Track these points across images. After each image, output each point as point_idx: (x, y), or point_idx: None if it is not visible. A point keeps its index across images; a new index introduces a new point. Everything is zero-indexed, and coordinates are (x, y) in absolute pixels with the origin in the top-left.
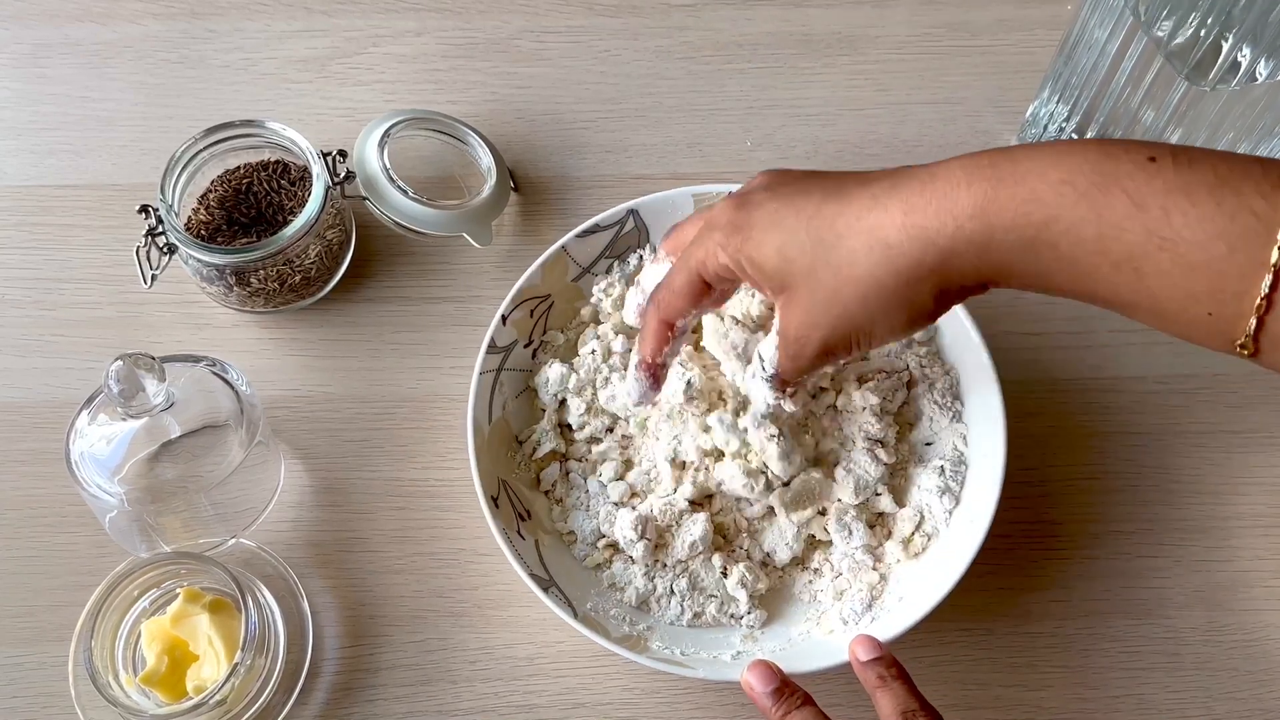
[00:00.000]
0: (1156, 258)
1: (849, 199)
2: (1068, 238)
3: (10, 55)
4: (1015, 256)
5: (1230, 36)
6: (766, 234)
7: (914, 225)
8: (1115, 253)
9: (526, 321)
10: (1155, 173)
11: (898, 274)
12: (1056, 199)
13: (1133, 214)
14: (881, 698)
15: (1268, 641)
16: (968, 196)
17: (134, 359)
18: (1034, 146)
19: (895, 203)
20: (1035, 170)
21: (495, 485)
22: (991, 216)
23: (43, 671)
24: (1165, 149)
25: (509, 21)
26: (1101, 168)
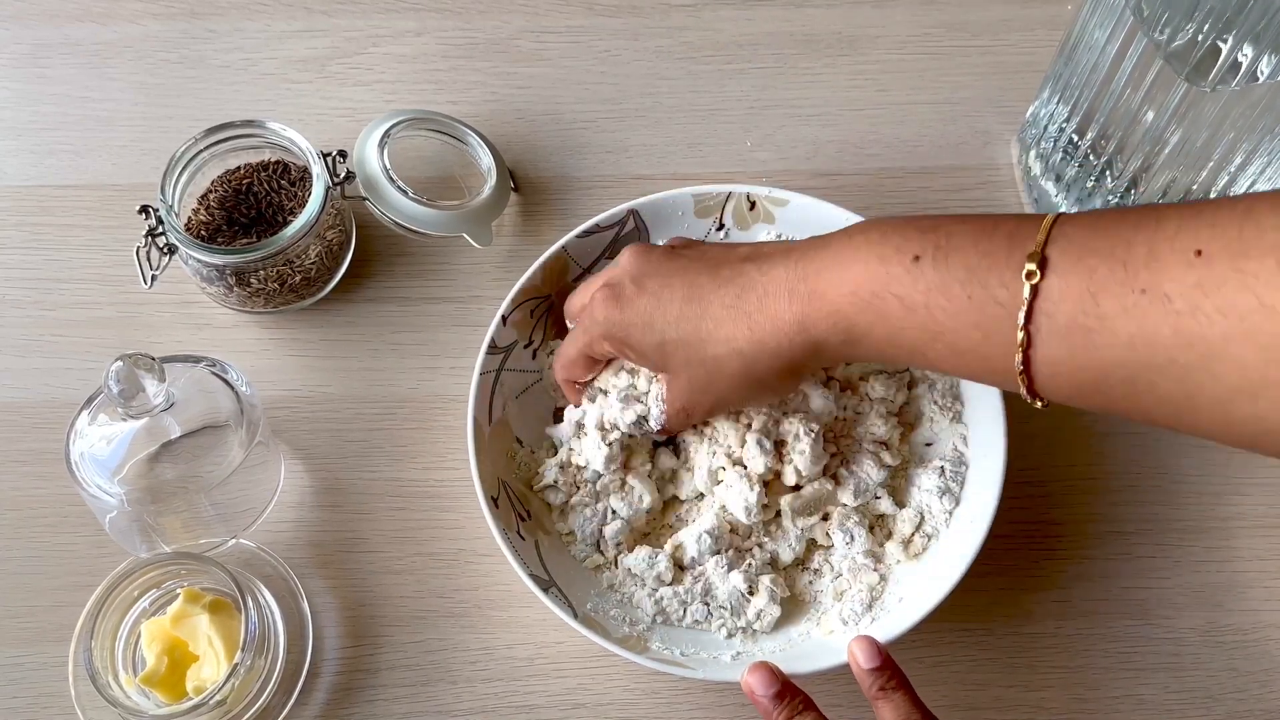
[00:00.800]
0: (934, 347)
1: (705, 302)
2: (868, 338)
3: (10, 55)
4: (838, 350)
5: (1230, 37)
6: (642, 333)
7: (757, 340)
8: (904, 345)
9: (527, 322)
10: (919, 274)
11: (755, 373)
12: (850, 309)
13: (906, 315)
14: (883, 708)
15: (1268, 642)
16: (790, 315)
17: (134, 359)
18: (837, 245)
19: (740, 318)
20: (833, 284)
21: (495, 485)
22: (810, 330)
23: (43, 671)
24: (930, 242)
25: (509, 21)
26: (876, 275)
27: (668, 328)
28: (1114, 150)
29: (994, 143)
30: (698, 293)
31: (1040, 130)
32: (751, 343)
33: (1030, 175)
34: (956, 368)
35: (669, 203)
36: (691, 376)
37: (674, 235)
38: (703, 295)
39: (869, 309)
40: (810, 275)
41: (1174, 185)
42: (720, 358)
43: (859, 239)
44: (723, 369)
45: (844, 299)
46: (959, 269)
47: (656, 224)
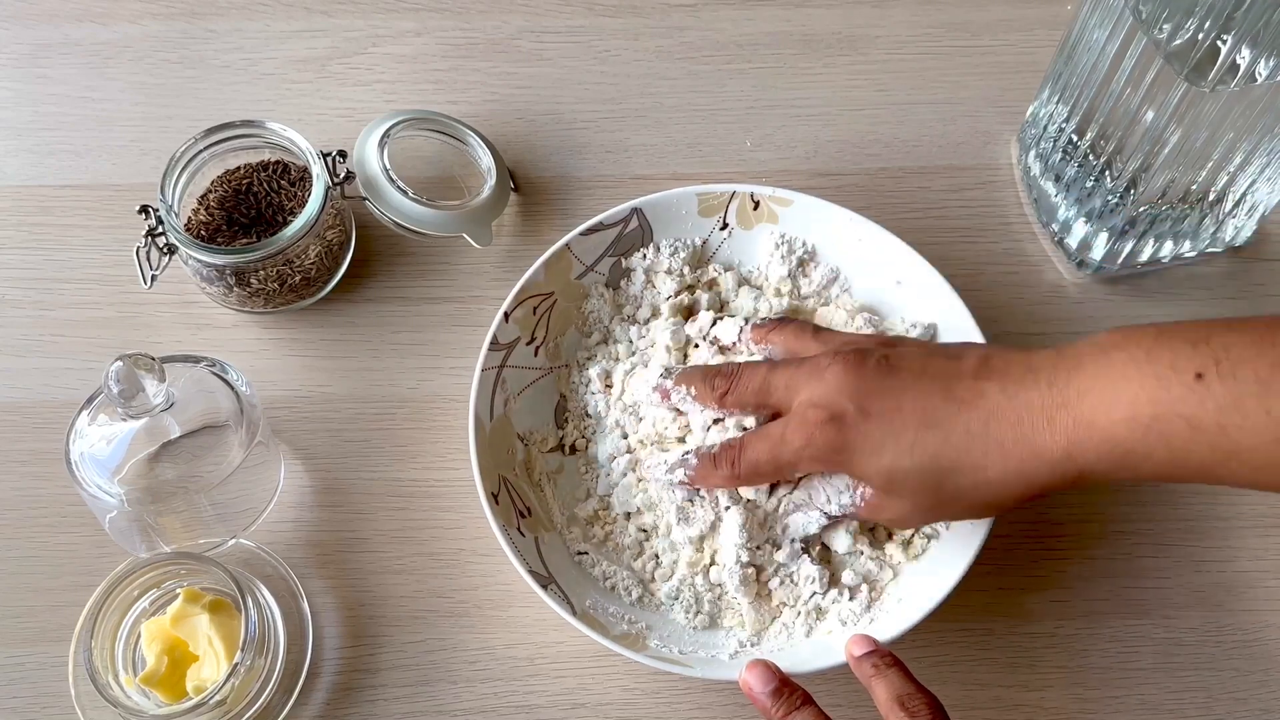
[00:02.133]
0: (1227, 465)
1: (946, 429)
2: (1147, 462)
3: (10, 55)
4: (1106, 476)
5: (1229, 38)
6: (872, 459)
7: (1013, 471)
8: (1190, 465)
9: (529, 319)
10: (1205, 394)
11: (999, 501)
12: (1127, 434)
13: (1195, 435)
14: (877, 685)
15: (1268, 641)
16: (1054, 446)
17: (134, 359)
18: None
19: (992, 447)
20: (1102, 409)
21: (496, 482)
22: (1078, 459)
23: (43, 671)
24: (1209, 357)
25: (509, 21)
26: (1156, 397)
27: (901, 455)
28: (1113, 150)
29: (994, 143)
30: (933, 416)
31: (1040, 130)
32: (1005, 474)
33: (1030, 175)
34: (1253, 482)
35: (673, 201)
36: (920, 503)
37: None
38: (940, 419)
39: (1150, 434)
40: (1072, 400)
41: (1173, 185)
42: (963, 488)
43: (1119, 356)
44: (962, 497)
45: (1118, 425)
46: (1250, 383)
47: (660, 222)
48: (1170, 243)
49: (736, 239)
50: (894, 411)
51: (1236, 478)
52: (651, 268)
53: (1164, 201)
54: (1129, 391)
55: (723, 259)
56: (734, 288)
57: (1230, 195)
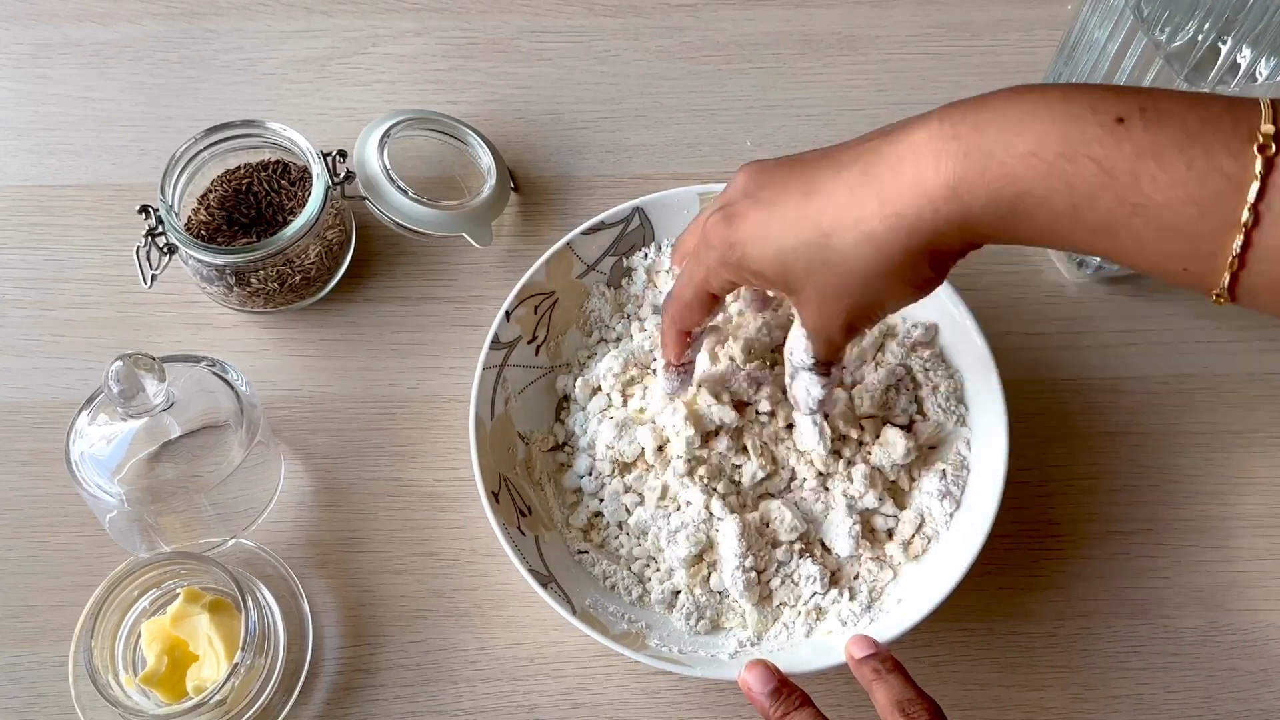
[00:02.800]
0: (1130, 222)
1: (826, 193)
2: (1042, 209)
3: (10, 55)
4: (994, 227)
5: (1229, 38)
6: (759, 247)
7: (892, 215)
8: (1089, 220)
9: (530, 318)
10: (1124, 136)
11: (890, 259)
12: (1026, 172)
13: (1104, 182)
14: (877, 690)
15: (1268, 641)
16: (937, 178)
17: (134, 359)
18: (998, 102)
19: (870, 193)
20: (1001, 141)
21: (496, 481)
22: (965, 196)
23: (43, 671)
24: (1133, 104)
25: (509, 21)
26: (1068, 133)
27: (785, 233)
28: None
29: None
30: (816, 185)
31: None
32: (885, 219)
33: None
34: (1145, 252)
35: (674, 200)
36: (819, 286)
37: (676, 232)
38: (822, 186)
39: (1052, 174)
40: (965, 133)
41: None
42: (847, 251)
43: (1031, 95)
44: (852, 264)
45: (1017, 160)
46: (1176, 133)
47: (662, 222)
48: None
49: None
50: (780, 194)
51: (1135, 241)
52: (653, 267)
53: None
54: (1036, 127)
55: None
56: None
57: None
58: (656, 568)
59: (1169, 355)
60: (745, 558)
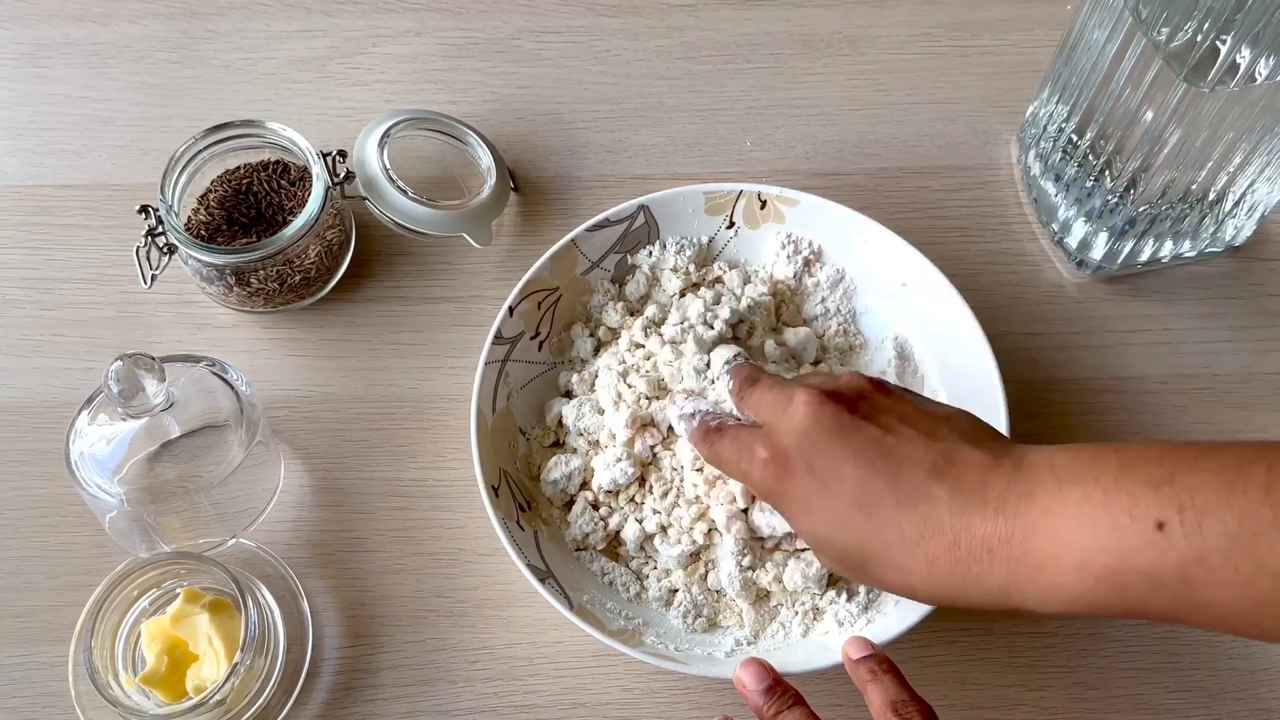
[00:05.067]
0: (1191, 617)
1: (880, 521)
2: (1099, 609)
3: (10, 55)
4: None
5: (1229, 38)
6: (797, 514)
7: (937, 585)
8: (1149, 614)
9: (534, 314)
10: (1167, 547)
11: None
12: (1075, 584)
13: (1152, 592)
14: (871, 691)
15: None
16: (991, 580)
17: (134, 359)
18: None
19: (919, 558)
20: (1049, 553)
21: (496, 475)
22: (1014, 597)
23: (43, 671)
24: (1169, 502)
25: (509, 21)
26: (1110, 547)
27: (829, 525)
28: (1113, 150)
29: (993, 143)
30: (872, 501)
31: (1039, 130)
32: (930, 585)
33: (1029, 175)
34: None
35: (679, 199)
36: (840, 567)
37: (680, 234)
38: (877, 508)
39: (1101, 584)
40: (1017, 536)
41: (1173, 185)
42: (883, 578)
43: (1075, 493)
44: (882, 584)
45: (1066, 573)
46: (1217, 537)
47: (667, 220)
48: (1170, 242)
49: (743, 238)
50: (835, 478)
51: (1202, 625)
52: (657, 265)
53: (1164, 201)
54: (1080, 538)
55: (728, 258)
56: (739, 286)
57: (1230, 195)
58: (654, 565)
59: (1169, 355)
60: (743, 557)
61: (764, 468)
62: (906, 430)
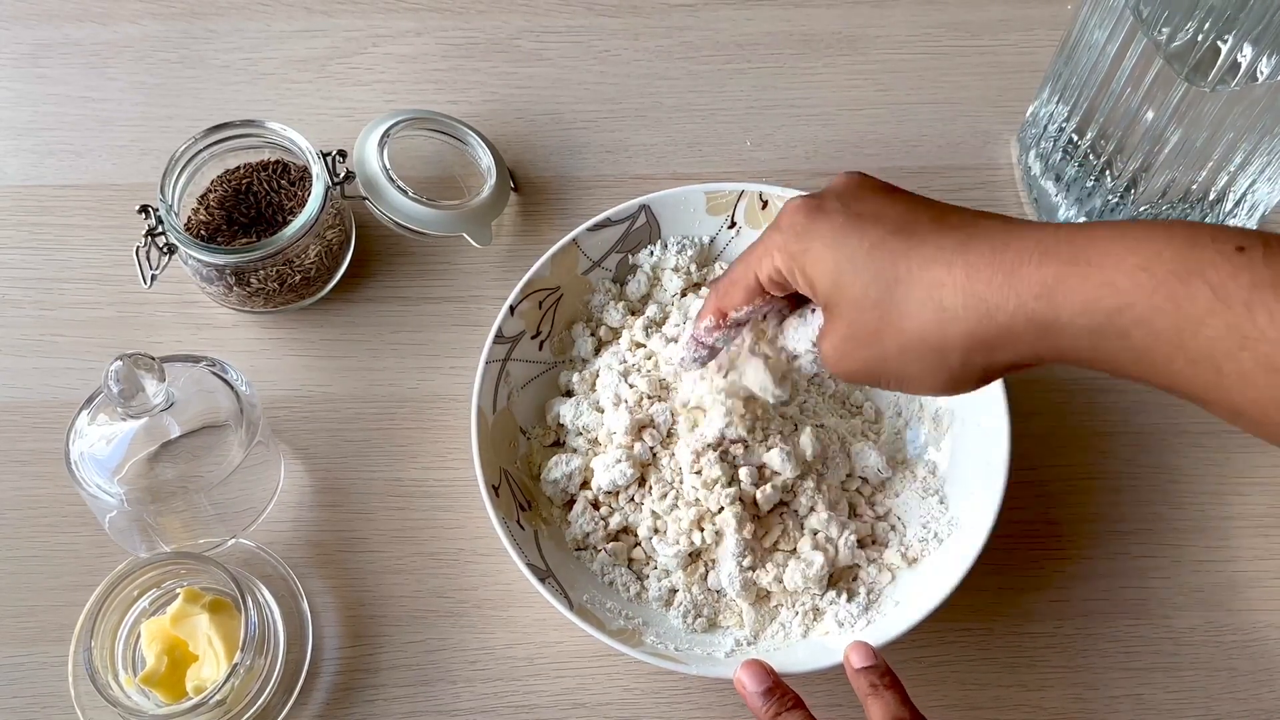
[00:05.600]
0: (1238, 356)
1: (917, 240)
2: (1140, 328)
3: (10, 55)
4: (1079, 342)
5: (1230, 37)
6: (827, 250)
7: (975, 293)
8: (1192, 348)
9: (535, 313)
10: (1243, 265)
11: (946, 339)
12: (1132, 285)
13: (1214, 308)
14: (873, 705)
15: (1267, 641)
16: (1037, 273)
17: (134, 359)
18: (1118, 226)
19: (960, 261)
20: (1113, 254)
21: (497, 474)
22: (1059, 298)
23: (43, 671)
24: (1257, 238)
25: (509, 21)
26: (1184, 255)
27: (857, 253)
28: (1114, 150)
29: (994, 143)
30: (913, 226)
31: (1040, 130)
32: (964, 293)
33: (1030, 175)
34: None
35: (681, 198)
36: (858, 321)
37: (681, 234)
38: (918, 229)
39: (1160, 290)
40: (1079, 239)
41: (1174, 185)
42: (908, 304)
43: (1148, 222)
44: (904, 320)
45: (1125, 274)
46: None
47: (668, 219)
48: None
49: (744, 238)
50: (873, 217)
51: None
52: (659, 265)
53: (1164, 201)
54: (1152, 245)
55: (730, 258)
56: None
57: (1230, 195)
58: (654, 565)
59: None
60: (743, 557)
61: (795, 212)
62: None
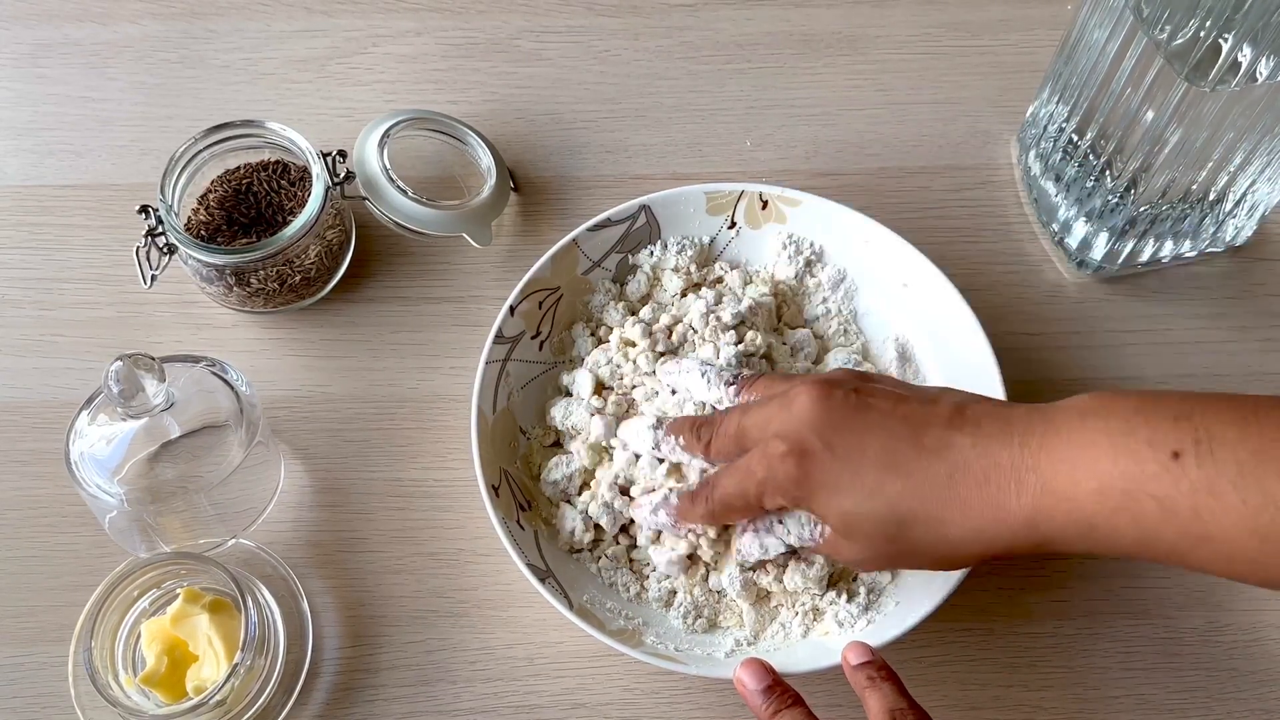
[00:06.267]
0: (1196, 552)
1: (908, 475)
2: (1112, 539)
3: (10, 55)
4: (1073, 547)
5: (1230, 37)
6: (830, 499)
7: (974, 529)
8: (1157, 550)
9: (535, 313)
10: (1180, 474)
11: (954, 557)
12: (1095, 507)
13: (1165, 519)
14: (870, 698)
15: (1268, 641)
16: (1019, 509)
17: (134, 359)
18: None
19: (954, 503)
20: (1071, 478)
21: (497, 474)
22: (1041, 526)
23: (43, 671)
24: (1186, 435)
25: (509, 21)
26: (1128, 472)
27: (862, 499)
28: (1113, 150)
29: (994, 143)
30: (898, 461)
31: (1040, 130)
32: (965, 531)
33: (1030, 175)
34: (1226, 571)
35: (681, 199)
36: (875, 549)
37: (681, 234)
38: (905, 466)
39: (1119, 511)
40: (1043, 465)
41: (1174, 185)
42: (920, 541)
43: (1096, 424)
44: (919, 549)
45: (1087, 499)
46: (1229, 466)
47: (668, 219)
48: (1170, 242)
49: (744, 238)
50: (858, 451)
51: (1206, 564)
52: (659, 265)
53: (1164, 201)
54: (1102, 464)
55: (730, 258)
56: (740, 286)
57: (1230, 195)
58: (654, 566)
59: (1169, 355)
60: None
61: (783, 461)
62: (911, 400)
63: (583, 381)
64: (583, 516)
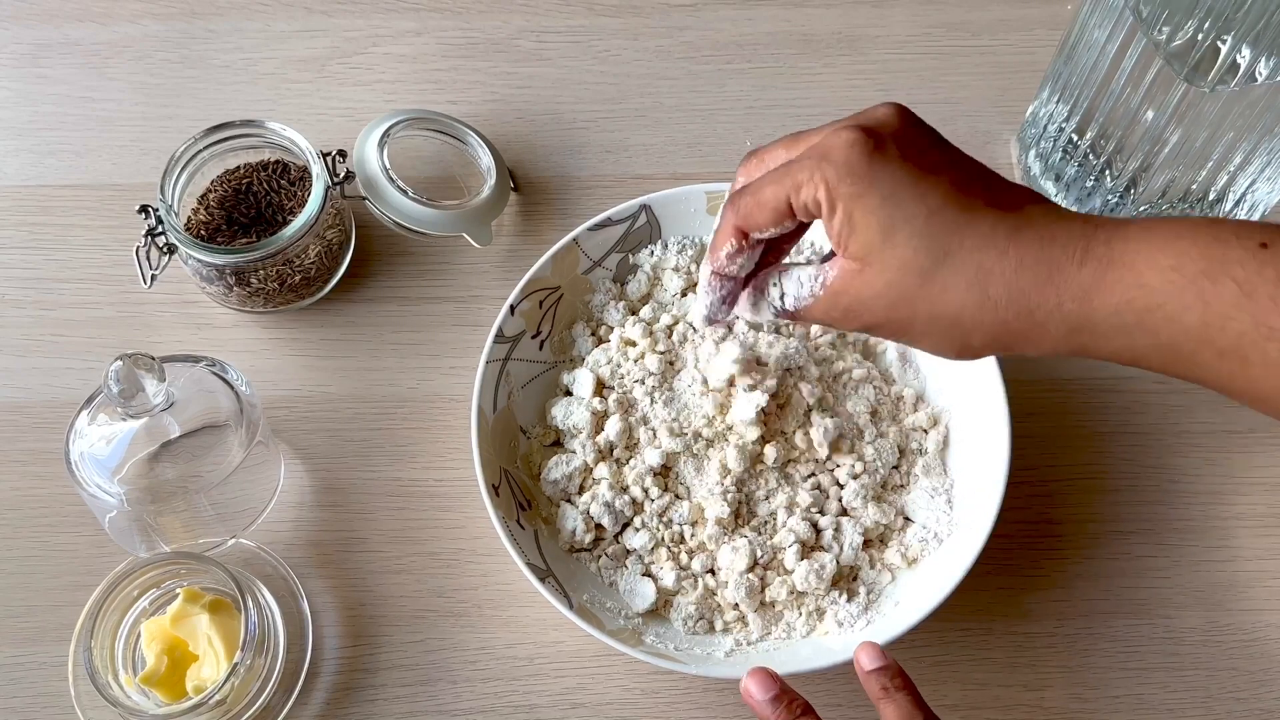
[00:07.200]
0: (1264, 347)
1: (973, 215)
2: (1171, 325)
3: (10, 55)
4: (1106, 339)
5: (1229, 38)
6: (883, 204)
7: (1020, 288)
8: (1219, 341)
9: (535, 312)
10: (1267, 260)
11: (980, 323)
12: (1163, 286)
13: (1241, 303)
14: (886, 709)
15: (1268, 641)
16: (1077, 274)
17: (134, 359)
18: (1147, 224)
19: (1012, 252)
20: (1144, 254)
21: (497, 474)
22: (1095, 300)
23: (43, 671)
24: (1277, 233)
25: (509, 21)
26: (1210, 253)
27: (915, 218)
28: (1113, 150)
29: (994, 143)
30: (966, 199)
31: (1040, 130)
32: (1008, 287)
33: (1030, 175)
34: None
35: (681, 198)
36: (894, 283)
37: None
38: (972, 204)
39: (1190, 289)
40: (1116, 238)
41: (1173, 185)
42: (954, 281)
43: (1177, 221)
44: (945, 295)
45: (1158, 274)
46: None
47: (669, 219)
48: None
49: None
50: (932, 172)
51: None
52: (659, 264)
53: (1164, 201)
54: (1180, 245)
55: None
56: None
57: (1230, 195)
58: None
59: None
60: (749, 573)
61: (852, 148)
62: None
63: (583, 381)
64: (583, 516)
